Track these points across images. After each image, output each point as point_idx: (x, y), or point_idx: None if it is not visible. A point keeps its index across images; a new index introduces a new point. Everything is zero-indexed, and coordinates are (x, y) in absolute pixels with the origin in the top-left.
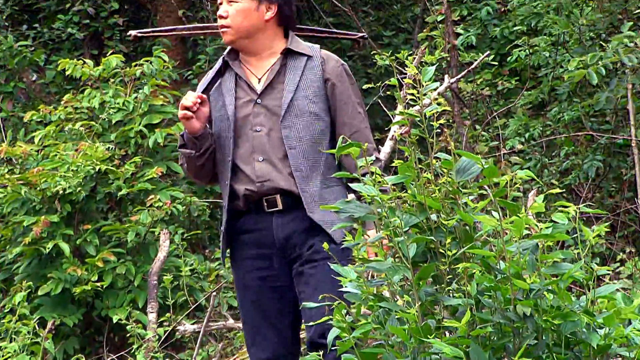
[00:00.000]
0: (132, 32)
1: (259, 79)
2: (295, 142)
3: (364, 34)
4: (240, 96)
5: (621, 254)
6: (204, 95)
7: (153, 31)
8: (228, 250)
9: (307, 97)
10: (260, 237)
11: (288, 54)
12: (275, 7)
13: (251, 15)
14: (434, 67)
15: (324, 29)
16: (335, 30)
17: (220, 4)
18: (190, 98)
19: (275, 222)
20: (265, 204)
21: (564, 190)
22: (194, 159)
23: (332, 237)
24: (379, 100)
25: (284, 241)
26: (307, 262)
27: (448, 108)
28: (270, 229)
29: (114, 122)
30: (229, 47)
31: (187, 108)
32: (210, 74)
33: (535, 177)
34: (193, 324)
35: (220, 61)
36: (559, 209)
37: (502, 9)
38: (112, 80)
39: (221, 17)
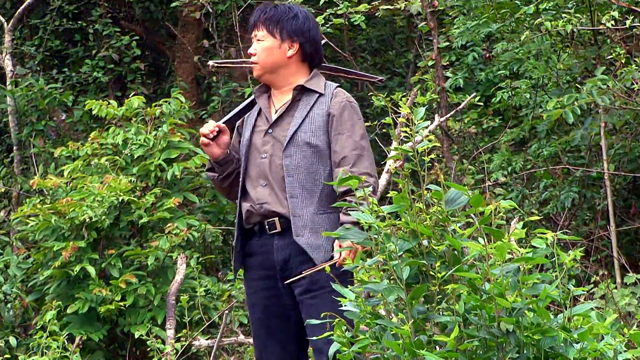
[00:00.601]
0: (210, 62)
1: (276, 111)
2: (293, 171)
3: (382, 77)
4: (258, 125)
5: (595, 276)
6: (223, 125)
7: (227, 62)
8: (242, 271)
9: (310, 131)
10: (264, 259)
11: (303, 90)
12: (297, 45)
13: (274, 53)
14: (424, 108)
15: (348, 69)
16: (358, 72)
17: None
18: (208, 126)
19: (275, 244)
20: (267, 226)
21: (543, 218)
22: (218, 181)
23: (315, 261)
24: (376, 137)
25: (283, 263)
26: (306, 291)
27: (438, 144)
28: (272, 252)
29: (135, 157)
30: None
31: (204, 135)
32: (241, 105)
33: (517, 207)
34: (207, 339)
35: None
36: (538, 235)
37: (487, 55)
38: (134, 119)
39: (250, 54)
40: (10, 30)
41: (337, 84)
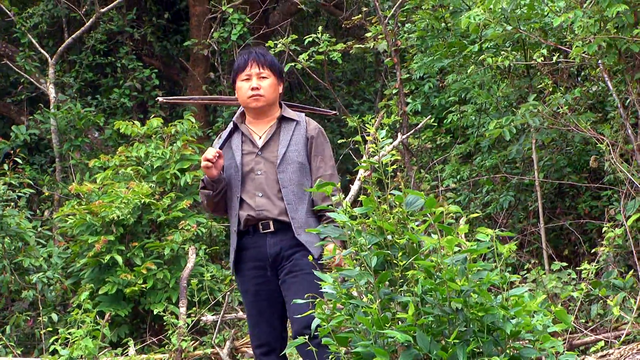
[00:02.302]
0: (160, 99)
1: (260, 137)
2: (287, 183)
3: (336, 112)
4: (245, 149)
5: (527, 264)
6: (221, 151)
7: (175, 99)
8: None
9: (296, 150)
10: (256, 253)
11: (282, 119)
12: (282, 85)
13: (276, 89)
14: (385, 130)
15: (307, 106)
16: (316, 108)
17: (248, 78)
18: (211, 152)
19: (268, 241)
20: (260, 226)
21: (486, 217)
22: (212, 197)
23: (312, 254)
24: (350, 151)
25: (274, 256)
26: (289, 273)
27: (399, 157)
28: (265, 247)
29: (155, 167)
30: (237, 112)
31: (208, 160)
32: (224, 134)
33: (461, 212)
34: (213, 315)
35: (231, 124)
36: (481, 231)
37: (440, 85)
38: (154, 136)
39: (255, 89)
40: (53, 64)
41: (304, 113)
